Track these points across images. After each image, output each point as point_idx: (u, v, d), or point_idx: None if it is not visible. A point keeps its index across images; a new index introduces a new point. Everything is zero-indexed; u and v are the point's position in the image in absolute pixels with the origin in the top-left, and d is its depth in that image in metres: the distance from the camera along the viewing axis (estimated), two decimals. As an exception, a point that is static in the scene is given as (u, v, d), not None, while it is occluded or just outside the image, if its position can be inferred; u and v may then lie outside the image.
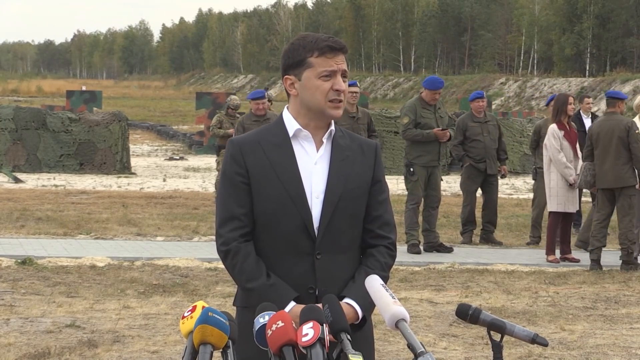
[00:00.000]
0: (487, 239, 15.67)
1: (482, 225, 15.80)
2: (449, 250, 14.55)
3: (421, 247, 14.46)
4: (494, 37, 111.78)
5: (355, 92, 14.70)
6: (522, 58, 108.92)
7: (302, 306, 3.58)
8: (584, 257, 14.10)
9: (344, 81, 3.93)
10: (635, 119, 13.96)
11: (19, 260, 12.54)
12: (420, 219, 14.65)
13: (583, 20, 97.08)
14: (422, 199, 14.52)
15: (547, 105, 16.00)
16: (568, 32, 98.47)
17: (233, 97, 17.94)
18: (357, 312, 3.85)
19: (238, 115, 17.11)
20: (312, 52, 3.90)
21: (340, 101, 3.92)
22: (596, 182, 13.42)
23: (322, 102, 3.90)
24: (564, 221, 14.03)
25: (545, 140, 13.88)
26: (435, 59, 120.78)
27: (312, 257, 3.90)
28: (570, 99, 14.05)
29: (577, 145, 14.00)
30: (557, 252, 14.09)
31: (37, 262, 12.55)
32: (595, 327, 9.85)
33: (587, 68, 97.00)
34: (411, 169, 14.33)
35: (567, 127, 13.91)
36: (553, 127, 13.81)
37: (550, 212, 13.97)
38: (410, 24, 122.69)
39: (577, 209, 14.57)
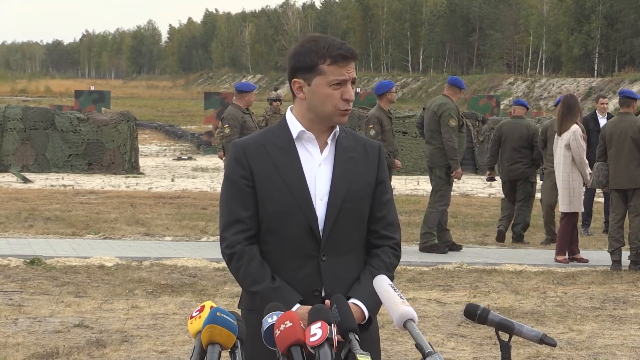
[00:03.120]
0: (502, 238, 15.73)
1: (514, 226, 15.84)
2: (458, 248, 14.54)
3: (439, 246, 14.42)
4: (502, 37, 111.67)
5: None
6: (530, 58, 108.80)
7: (308, 308, 3.57)
8: (592, 257, 14.08)
9: (353, 88, 3.92)
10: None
11: (28, 260, 12.55)
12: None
13: (591, 20, 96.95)
14: None
15: (556, 105, 15.91)
16: (576, 32, 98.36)
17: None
18: (363, 312, 3.83)
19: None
20: (324, 59, 3.86)
21: (349, 109, 3.91)
22: (610, 182, 13.38)
23: (332, 110, 3.89)
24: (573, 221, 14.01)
25: (570, 141, 13.71)
26: (443, 59, 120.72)
27: (317, 259, 3.88)
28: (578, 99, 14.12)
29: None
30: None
31: (46, 262, 12.56)
32: (604, 327, 9.83)
33: (596, 68, 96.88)
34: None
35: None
36: (577, 128, 13.76)
37: (567, 213, 13.82)
38: (419, 24, 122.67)
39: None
